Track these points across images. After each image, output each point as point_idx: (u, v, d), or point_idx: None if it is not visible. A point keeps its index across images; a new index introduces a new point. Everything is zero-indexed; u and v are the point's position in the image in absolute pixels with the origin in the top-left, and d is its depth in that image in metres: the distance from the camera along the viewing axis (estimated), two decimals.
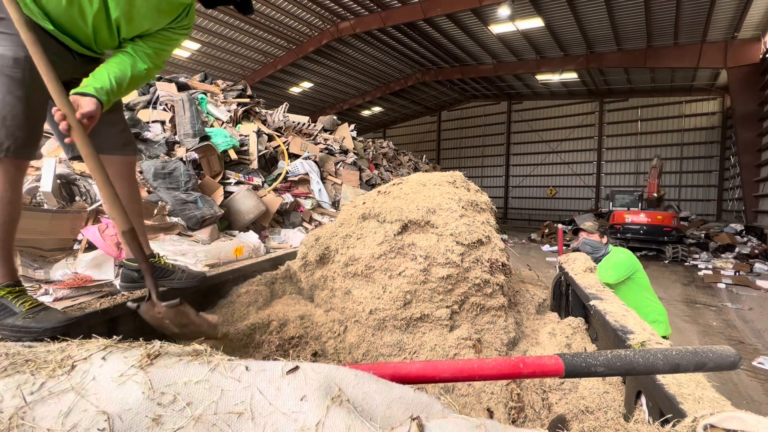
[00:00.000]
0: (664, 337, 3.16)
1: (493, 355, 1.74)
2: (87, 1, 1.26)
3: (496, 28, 14.37)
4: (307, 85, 20.55)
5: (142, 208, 1.79)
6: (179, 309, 1.47)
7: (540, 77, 18.54)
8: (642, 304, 3.06)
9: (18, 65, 1.18)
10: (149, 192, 4.50)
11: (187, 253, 3.57)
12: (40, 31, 1.21)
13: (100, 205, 4.03)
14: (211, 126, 6.25)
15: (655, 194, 12.70)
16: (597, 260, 3.27)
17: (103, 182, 1.28)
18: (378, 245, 1.76)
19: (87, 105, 1.24)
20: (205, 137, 5.54)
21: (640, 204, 13.39)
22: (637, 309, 2.93)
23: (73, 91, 1.25)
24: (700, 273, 10.06)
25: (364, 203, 2.02)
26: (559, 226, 5.92)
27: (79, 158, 1.46)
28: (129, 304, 1.45)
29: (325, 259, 1.94)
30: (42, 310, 1.28)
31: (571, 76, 17.92)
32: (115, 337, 0.83)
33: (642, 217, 12.07)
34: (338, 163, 8.57)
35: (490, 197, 2.20)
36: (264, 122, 7.84)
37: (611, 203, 14.47)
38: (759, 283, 8.81)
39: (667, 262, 11.80)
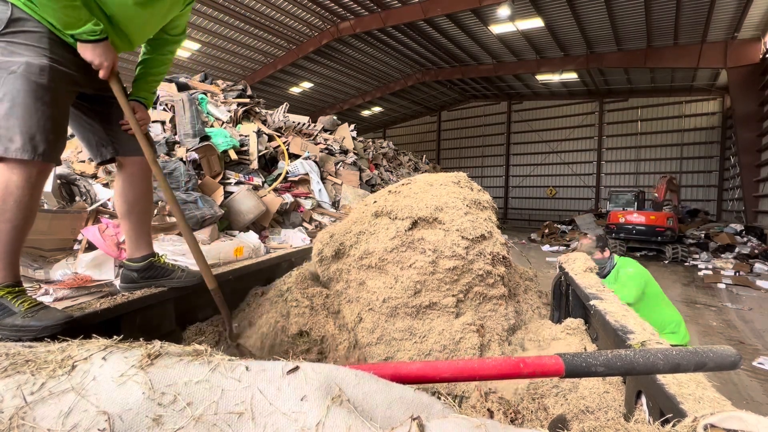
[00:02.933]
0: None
1: (495, 340, 1.88)
2: (114, 34, 1.45)
3: (496, 28, 14.37)
4: (307, 85, 20.55)
5: (152, 208, 1.86)
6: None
7: (540, 77, 18.54)
8: (659, 317, 3.04)
9: (44, 72, 1.25)
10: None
11: (187, 253, 3.57)
12: (68, 48, 1.34)
13: (101, 205, 4.03)
14: (211, 126, 6.25)
15: (657, 194, 12.71)
16: (605, 276, 3.23)
17: (192, 244, 1.65)
18: (390, 240, 1.92)
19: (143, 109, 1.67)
20: (205, 137, 5.54)
21: (636, 204, 13.42)
22: (653, 322, 2.95)
23: (131, 97, 1.62)
24: (700, 273, 10.06)
25: (375, 202, 2.16)
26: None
27: (106, 162, 1.67)
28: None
29: (340, 253, 2.08)
30: (41, 309, 1.28)
31: (571, 76, 17.92)
32: (115, 337, 0.83)
33: (635, 217, 12.08)
34: (338, 163, 8.57)
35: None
36: (264, 122, 7.84)
37: (608, 203, 14.53)
38: (759, 283, 8.81)
39: (666, 262, 11.80)
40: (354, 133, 10.84)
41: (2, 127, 1.20)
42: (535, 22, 13.60)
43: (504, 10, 12.66)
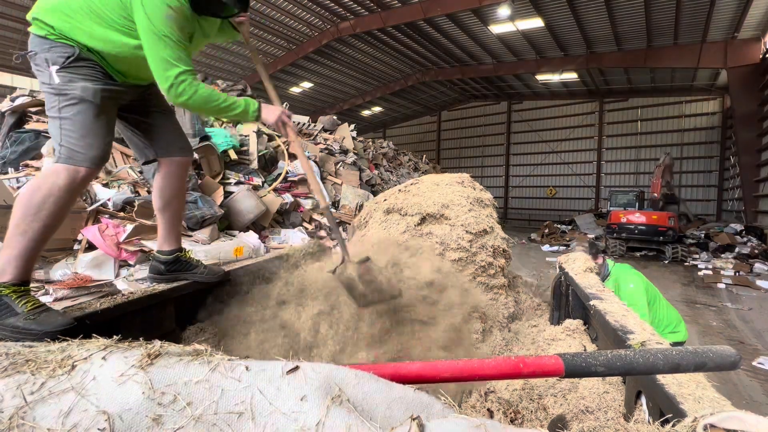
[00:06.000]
0: (680, 343, 3.14)
1: (496, 327, 2.03)
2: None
3: (496, 28, 14.36)
4: (307, 85, 20.54)
5: (184, 206, 2.11)
6: (367, 265, 1.78)
7: (540, 77, 18.52)
8: (658, 316, 3.07)
9: (96, 95, 1.47)
10: (149, 192, 4.51)
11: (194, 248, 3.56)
12: (112, 77, 1.56)
13: (100, 205, 4.03)
14: (211, 126, 6.25)
15: (656, 194, 12.70)
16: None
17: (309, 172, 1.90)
18: (401, 234, 2.11)
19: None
20: (205, 137, 5.54)
21: (637, 204, 13.41)
22: (654, 322, 2.95)
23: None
24: (700, 273, 10.05)
25: (385, 200, 2.35)
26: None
27: (149, 162, 1.83)
28: (327, 271, 1.78)
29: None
30: (44, 311, 1.28)
31: (571, 76, 17.90)
32: (115, 337, 0.83)
33: (637, 217, 12.09)
34: (338, 163, 8.57)
35: None
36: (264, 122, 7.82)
37: (609, 203, 14.51)
38: (759, 283, 8.81)
39: (666, 262, 11.80)
40: (354, 133, 10.83)
41: (65, 139, 1.41)
42: (535, 22, 13.60)
43: (504, 10, 12.65)
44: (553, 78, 18.21)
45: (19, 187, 4.11)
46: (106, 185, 4.37)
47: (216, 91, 1.59)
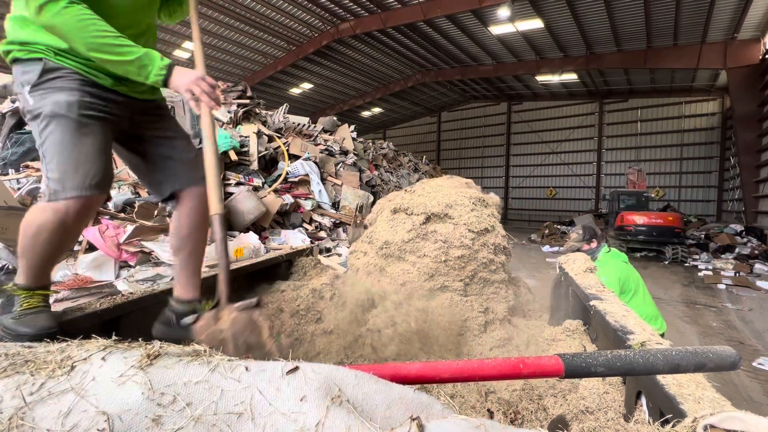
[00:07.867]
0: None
1: (497, 320, 2.13)
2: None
3: (495, 29, 14.39)
4: (307, 86, 20.56)
5: (206, 244, 1.67)
6: (249, 314, 1.29)
7: (540, 78, 18.54)
8: (635, 307, 3.02)
9: (72, 107, 1.25)
10: (149, 193, 4.50)
11: None
12: (98, 86, 1.34)
13: (101, 206, 4.03)
14: None
15: (653, 195, 12.80)
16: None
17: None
18: (407, 232, 2.23)
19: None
20: None
21: (648, 205, 13.48)
22: None
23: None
24: (700, 274, 10.05)
25: (393, 200, 2.48)
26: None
27: (168, 199, 1.55)
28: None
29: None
30: (32, 313, 1.27)
31: (571, 76, 17.92)
32: (114, 337, 0.83)
33: (653, 219, 12.14)
34: (338, 164, 8.57)
35: None
36: (264, 123, 7.84)
37: (615, 204, 14.51)
38: (759, 283, 8.80)
39: (667, 262, 11.80)
40: (354, 134, 10.85)
41: (49, 172, 1.23)
42: (535, 23, 13.62)
43: (504, 11, 12.67)
44: (553, 79, 18.24)
45: (19, 188, 4.11)
46: None
47: (104, 24, 1.20)
